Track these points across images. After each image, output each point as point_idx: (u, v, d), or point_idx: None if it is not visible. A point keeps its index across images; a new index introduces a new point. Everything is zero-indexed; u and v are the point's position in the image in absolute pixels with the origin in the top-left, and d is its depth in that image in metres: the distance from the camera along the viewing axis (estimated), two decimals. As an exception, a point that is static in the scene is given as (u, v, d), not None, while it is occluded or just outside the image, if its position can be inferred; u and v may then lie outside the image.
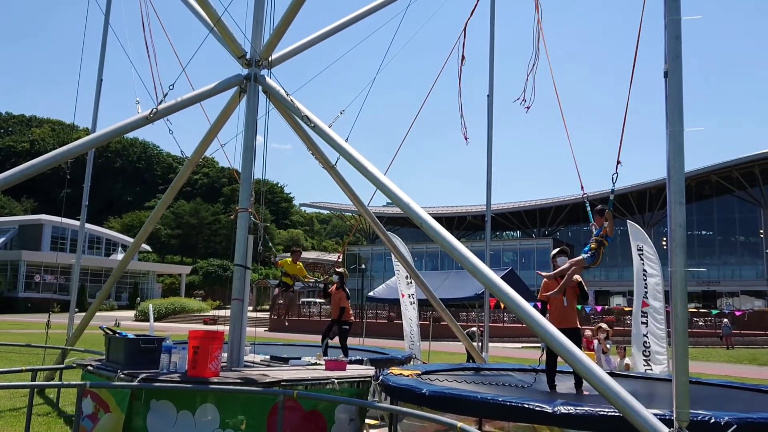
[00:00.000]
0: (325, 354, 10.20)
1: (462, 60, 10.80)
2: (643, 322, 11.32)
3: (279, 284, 11.47)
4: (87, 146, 7.95)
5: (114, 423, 6.36)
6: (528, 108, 10.04)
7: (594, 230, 7.50)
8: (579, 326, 7.70)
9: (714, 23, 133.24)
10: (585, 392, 7.19)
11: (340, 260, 14.30)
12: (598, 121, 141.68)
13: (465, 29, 10.77)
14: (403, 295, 14.81)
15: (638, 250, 11.55)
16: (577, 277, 7.62)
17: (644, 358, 11.26)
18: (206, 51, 8.48)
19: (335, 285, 11.17)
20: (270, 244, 9.05)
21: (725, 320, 33.56)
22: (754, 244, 55.08)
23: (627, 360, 12.18)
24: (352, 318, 11.25)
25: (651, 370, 10.97)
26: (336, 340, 10.90)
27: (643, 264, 11.48)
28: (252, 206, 8.29)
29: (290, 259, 11.15)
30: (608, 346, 12.07)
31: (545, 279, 7.82)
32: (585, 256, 7.31)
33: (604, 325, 12.09)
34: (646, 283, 11.39)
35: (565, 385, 7.62)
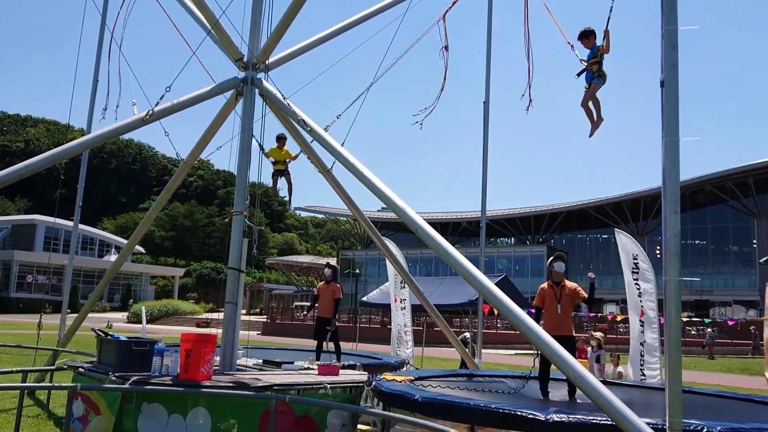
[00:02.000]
0: (318, 358, 10.14)
1: (445, 49, 10.87)
2: (641, 331, 11.33)
3: (273, 174, 11.00)
4: (82, 147, 7.92)
5: (104, 425, 6.32)
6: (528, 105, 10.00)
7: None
8: (573, 334, 7.70)
9: (710, 33, 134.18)
10: (578, 400, 7.19)
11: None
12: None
13: (444, 18, 10.85)
14: (395, 300, 14.79)
15: (633, 259, 11.56)
16: (573, 285, 7.69)
17: (640, 367, 11.28)
18: (203, 53, 8.49)
19: (325, 281, 10.76)
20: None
21: (708, 330, 33.53)
22: (747, 254, 55.28)
23: (620, 368, 12.18)
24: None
25: (645, 378, 10.99)
26: (330, 345, 10.77)
27: (636, 274, 11.49)
28: (247, 209, 8.28)
29: (276, 146, 10.87)
30: (601, 354, 12.08)
31: (542, 285, 7.82)
32: (599, 82, 7.16)
33: (597, 334, 12.07)
34: (640, 293, 11.40)
35: (558, 392, 7.62)
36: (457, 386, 7.53)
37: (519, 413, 5.27)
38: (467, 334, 17.22)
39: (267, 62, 8.61)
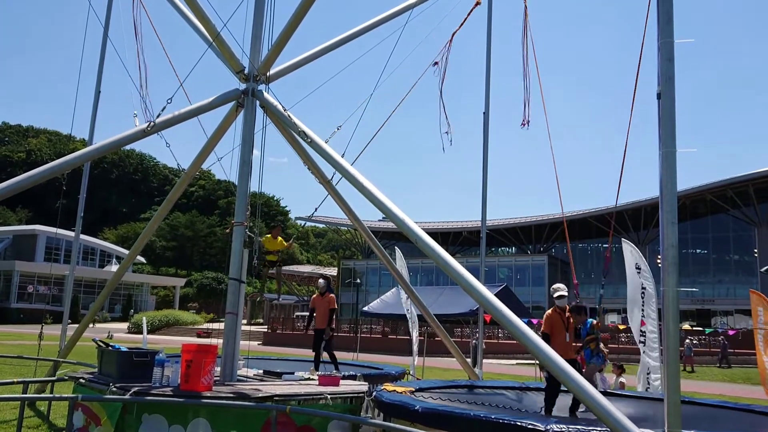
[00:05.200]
0: (316, 369, 10.11)
1: (436, 64, 11.00)
2: (641, 341, 11.36)
3: (264, 264, 11.04)
4: (84, 158, 7.98)
5: (104, 437, 6.32)
6: (525, 124, 10.11)
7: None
8: (576, 357, 7.73)
9: (709, 43, 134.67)
10: (578, 416, 7.17)
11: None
12: (597, 132, 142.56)
13: (451, 40, 10.97)
14: (408, 311, 14.83)
15: (636, 269, 11.60)
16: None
17: (647, 376, 11.28)
18: (205, 65, 8.56)
19: (318, 292, 10.65)
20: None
21: (686, 341, 32.98)
22: (748, 263, 55.21)
23: (622, 378, 12.15)
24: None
25: (650, 388, 10.99)
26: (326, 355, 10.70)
27: (641, 284, 11.52)
28: (248, 220, 8.31)
29: (270, 236, 10.90)
30: (605, 365, 12.07)
31: (548, 312, 7.75)
32: (597, 363, 7.86)
33: (601, 346, 12.02)
34: (643, 302, 11.42)
35: (559, 403, 7.60)
36: (458, 397, 7.53)
37: (519, 424, 5.28)
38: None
39: (268, 74, 8.68)
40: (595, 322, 7.23)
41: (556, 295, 7.64)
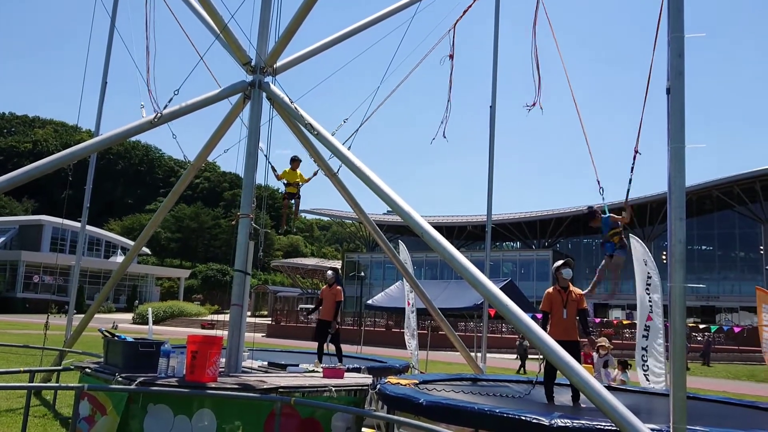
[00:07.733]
0: (320, 360, 10.12)
1: (450, 58, 10.93)
2: (644, 336, 11.36)
3: (284, 195, 11.01)
4: (90, 150, 7.99)
5: (110, 425, 6.36)
6: (531, 107, 9.90)
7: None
8: (578, 339, 7.71)
9: (718, 38, 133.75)
10: (582, 405, 7.19)
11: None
12: (603, 130, 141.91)
13: (454, 28, 10.90)
14: (408, 303, 14.82)
15: (644, 265, 11.59)
16: (578, 291, 7.73)
17: (643, 372, 11.28)
18: (212, 57, 8.55)
19: (327, 284, 10.62)
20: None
21: None
22: (754, 260, 55.00)
23: (622, 376, 12.13)
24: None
25: (650, 384, 10.98)
26: (331, 347, 10.70)
27: (648, 279, 11.51)
28: (253, 212, 8.31)
29: (289, 168, 10.88)
30: (609, 359, 12.05)
31: (547, 290, 7.81)
32: (622, 254, 7.64)
33: (605, 343, 12.01)
34: (650, 298, 11.41)
35: (562, 397, 7.61)
36: (462, 390, 7.54)
37: (523, 418, 5.28)
38: (526, 342, 17.26)
39: (275, 66, 8.67)
40: (623, 216, 7.33)
41: (558, 264, 7.76)
